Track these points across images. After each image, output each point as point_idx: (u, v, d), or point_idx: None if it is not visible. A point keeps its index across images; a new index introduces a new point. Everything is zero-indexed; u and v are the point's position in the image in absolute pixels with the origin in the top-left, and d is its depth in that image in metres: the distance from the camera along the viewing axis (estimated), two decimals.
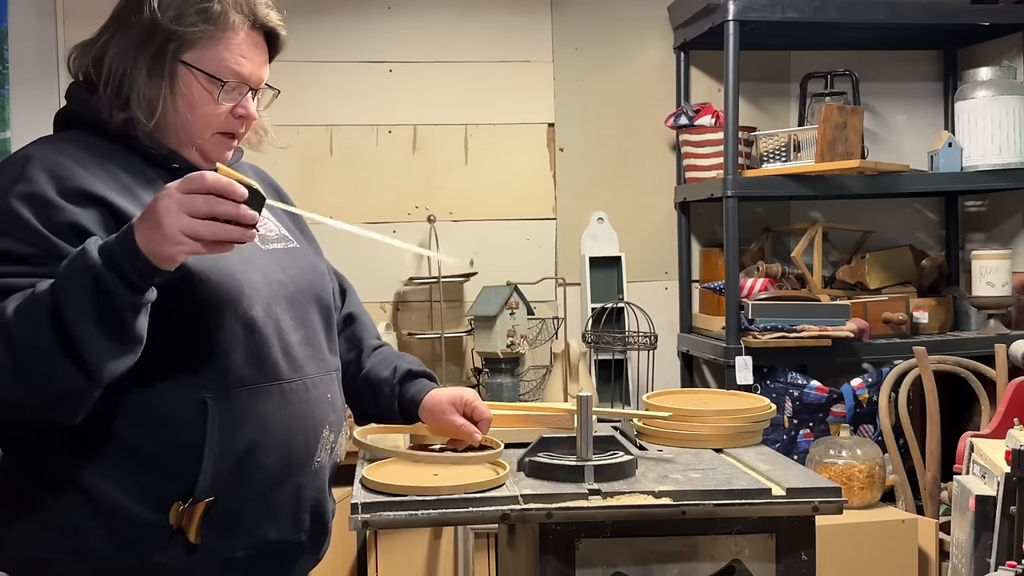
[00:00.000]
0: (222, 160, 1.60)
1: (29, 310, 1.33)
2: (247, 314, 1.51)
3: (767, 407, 1.92)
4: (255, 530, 1.53)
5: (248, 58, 1.57)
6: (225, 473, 1.48)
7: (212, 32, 1.53)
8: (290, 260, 1.65)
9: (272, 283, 1.57)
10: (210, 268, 1.48)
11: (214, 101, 1.55)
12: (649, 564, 1.55)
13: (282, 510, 1.56)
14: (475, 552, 3.02)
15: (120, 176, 1.51)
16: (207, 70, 1.54)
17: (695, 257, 3.65)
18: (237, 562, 1.52)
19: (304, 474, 1.58)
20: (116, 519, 1.46)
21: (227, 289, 1.49)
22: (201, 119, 1.56)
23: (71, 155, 1.50)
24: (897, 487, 3.11)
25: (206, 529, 1.47)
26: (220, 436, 1.47)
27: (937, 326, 3.44)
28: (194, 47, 1.53)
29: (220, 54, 1.54)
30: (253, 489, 1.51)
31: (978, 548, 2.07)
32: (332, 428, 1.63)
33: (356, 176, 3.50)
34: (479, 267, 3.50)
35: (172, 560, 1.47)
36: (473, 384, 3.47)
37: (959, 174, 3.33)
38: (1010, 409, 2.45)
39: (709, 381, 3.66)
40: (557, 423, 1.87)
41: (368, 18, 3.51)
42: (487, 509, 1.53)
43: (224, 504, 1.48)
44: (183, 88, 1.54)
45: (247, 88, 1.58)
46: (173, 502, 1.46)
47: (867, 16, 3.23)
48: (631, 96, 3.64)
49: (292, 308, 1.59)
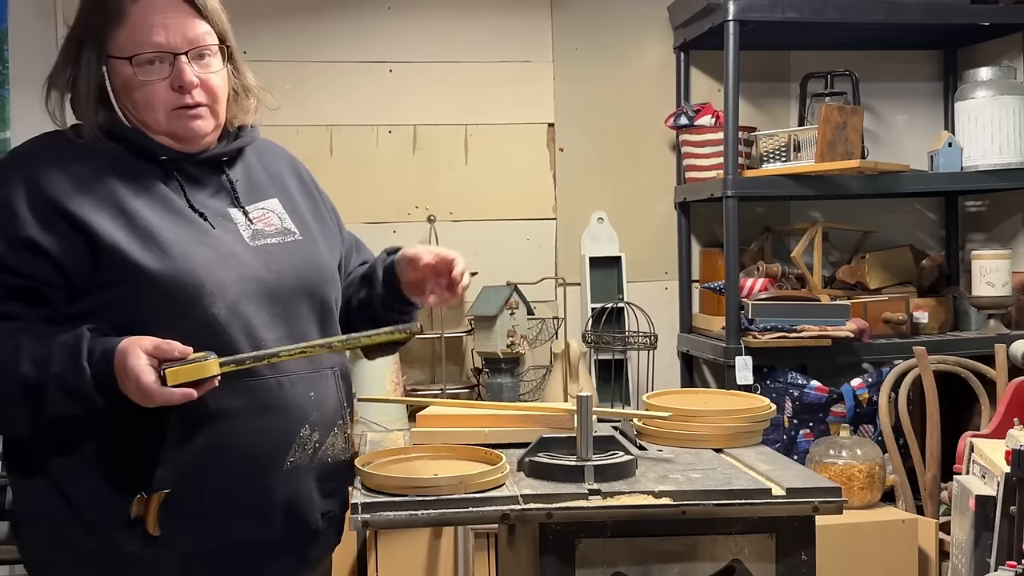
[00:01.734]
0: (197, 133, 1.60)
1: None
2: (207, 312, 1.51)
3: (767, 407, 1.92)
4: (217, 526, 1.54)
5: (163, 24, 1.54)
6: (184, 467, 1.50)
7: (112, 18, 1.55)
8: (282, 255, 1.63)
9: (246, 280, 1.57)
10: (170, 269, 1.50)
11: (146, 80, 1.55)
12: (649, 564, 1.55)
13: (247, 508, 1.56)
14: (475, 552, 3.02)
15: (89, 179, 1.55)
16: (123, 55, 1.54)
17: (695, 257, 3.65)
18: (201, 557, 1.54)
19: (274, 473, 1.57)
20: (87, 506, 1.51)
21: (186, 288, 1.51)
22: (144, 103, 1.57)
23: (59, 161, 1.55)
24: (897, 487, 3.11)
25: (166, 522, 1.50)
26: (178, 430, 1.49)
27: (937, 326, 3.44)
28: (110, 40, 1.55)
29: (130, 34, 1.54)
30: (214, 484, 1.52)
31: (978, 548, 2.07)
32: (315, 427, 1.61)
33: (356, 176, 3.49)
34: (479, 267, 3.50)
35: (136, 550, 1.50)
36: (473, 384, 3.47)
37: (959, 174, 3.33)
38: (1010, 409, 2.46)
39: (709, 381, 3.66)
40: (557, 423, 1.87)
41: (368, 18, 3.51)
42: (487, 509, 1.53)
43: (183, 498, 1.50)
44: (118, 82, 1.57)
45: (172, 56, 1.55)
46: (135, 492, 1.49)
47: (867, 16, 3.23)
48: (631, 96, 3.63)
49: (271, 305, 1.59)
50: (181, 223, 1.56)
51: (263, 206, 1.68)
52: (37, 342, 1.46)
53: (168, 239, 1.53)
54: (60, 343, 1.46)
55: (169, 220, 1.55)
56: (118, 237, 1.50)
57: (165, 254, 1.51)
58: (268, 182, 1.73)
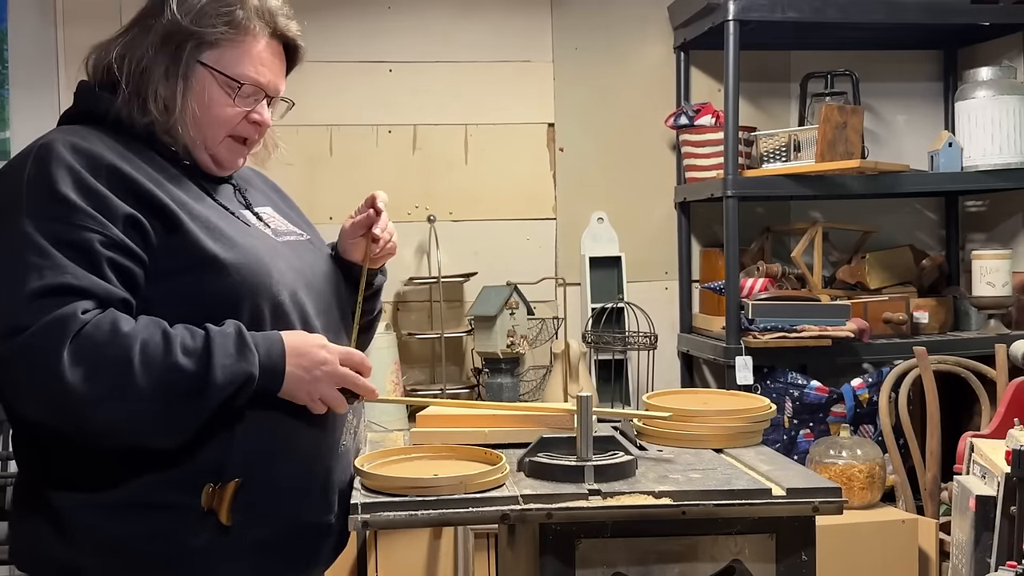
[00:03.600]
0: (236, 166, 1.65)
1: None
2: (276, 298, 1.53)
3: (767, 407, 1.92)
4: (286, 510, 1.54)
5: (267, 67, 1.61)
6: (255, 453, 1.49)
7: (233, 36, 1.57)
8: (304, 250, 1.68)
9: (294, 271, 1.60)
10: (240, 258, 1.50)
11: (230, 103, 1.58)
12: (649, 564, 1.55)
13: (313, 491, 1.58)
14: (475, 552, 3.02)
15: (142, 167, 1.52)
16: (226, 72, 1.56)
17: (695, 257, 3.65)
18: (268, 544, 1.53)
19: (332, 456, 1.61)
20: (147, 510, 1.46)
21: (257, 275, 1.51)
22: (215, 120, 1.58)
23: (114, 148, 1.52)
24: (897, 487, 3.11)
25: (237, 510, 1.48)
26: (251, 415, 1.49)
27: (937, 326, 3.44)
28: (213, 48, 1.57)
29: (239, 58, 1.58)
30: (284, 469, 1.53)
31: (978, 548, 2.07)
32: (354, 413, 1.67)
33: (356, 176, 3.49)
34: (479, 267, 3.50)
35: (205, 543, 1.47)
36: (473, 384, 3.47)
37: (959, 174, 3.33)
38: (1010, 409, 2.46)
39: (709, 381, 3.66)
40: (557, 423, 1.87)
41: (368, 18, 3.51)
42: (487, 509, 1.53)
43: (254, 484, 1.49)
44: (199, 88, 1.57)
45: (263, 95, 1.61)
46: (204, 484, 1.47)
47: (867, 16, 3.23)
48: (631, 96, 3.64)
49: (313, 295, 1.63)
50: (225, 216, 1.58)
51: (265, 211, 1.72)
52: (191, 334, 1.43)
53: (226, 230, 1.53)
54: (218, 332, 1.43)
55: (214, 213, 1.56)
56: (191, 225, 1.49)
57: (231, 244, 1.51)
58: (258, 191, 1.78)
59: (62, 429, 1.41)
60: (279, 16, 1.62)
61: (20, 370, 1.36)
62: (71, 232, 1.40)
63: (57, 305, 1.36)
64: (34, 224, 1.40)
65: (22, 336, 1.35)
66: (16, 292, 1.37)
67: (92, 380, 1.36)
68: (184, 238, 1.48)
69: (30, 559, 1.52)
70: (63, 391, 1.35)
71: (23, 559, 1.53)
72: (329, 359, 1.52)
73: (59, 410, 1.37)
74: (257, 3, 1.60)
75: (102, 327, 1.37)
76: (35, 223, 1.40)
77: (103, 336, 1.37)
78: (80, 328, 1.36)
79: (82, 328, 1.36)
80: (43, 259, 1.38)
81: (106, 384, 1.36)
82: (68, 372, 1.34)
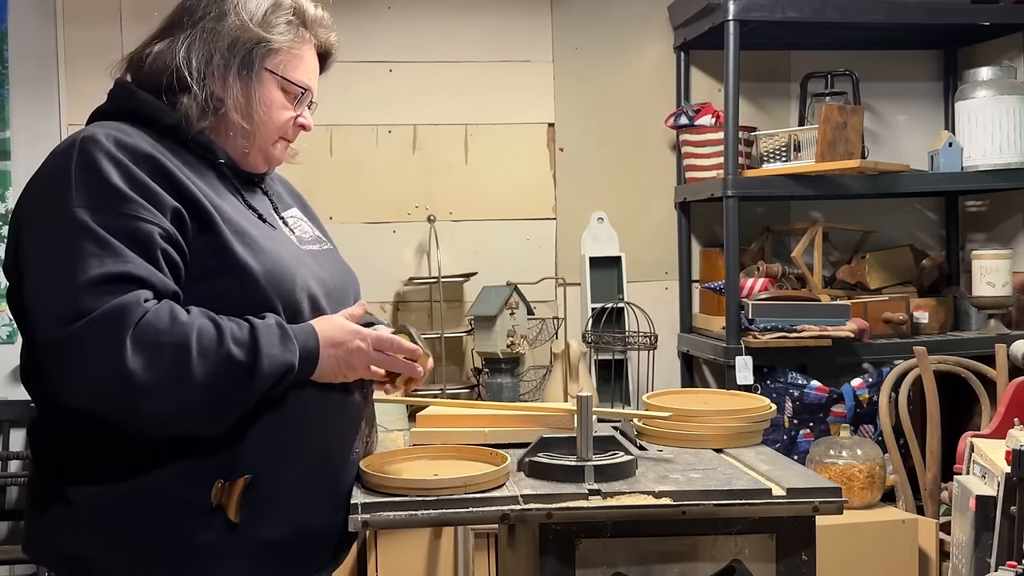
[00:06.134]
0: (277, 164, 1.71)
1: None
2: (298, 306, 1.54)
3: (767, 407, 1.92)
4: (293, 513, 1.54)
5: (313, 72, 1.71)
6: (267, 451, 1.49)
7: (296, 45, 1.65)
8: (326, 260, 1.70)
9: (316, 279, 1.61)
10: (265, 264, 1.51)
11: (288, 107, 1.65)
12: (649, 564, 1.55)
13: (321, 496, 1.57)
14: (475, 552, 3.02)
15: (179, 164, 1.53)
16: (288, 77, 1.64)
17: (695, 257, 3.65)
18: (274, 544, 1.52)
19: (344, 463, 1.61)
20: (157, 503, 1.46)
21: (281, 282, 1.52)
22: (274, 124, 1.64)
23: (153, 144, 1.52)
24: (897, 487, 3.11)
25: (245, 508, 1.48)
26: (266, 414, 1.49)
27: (937, 326, 3.44)
28: (278, 55, 1.62)
29: (298, 65, 1.66)
30: (293, 471, 1.53)
31: (978, 548, 2.07)
32: (367, 421, 1.68)
33: (356, 176, 3.49)
34: (479, 267, 3.50)
35: (212, 540, 1.47)
36: (473, 384, 3.47)
37: (959, 174, 3.33)
38: (1010, 409, 2.46)
39: (709, 381, 3.66)
40: (557, 423, 1.87)
41: (368, 18, 3.51)
42: (487, 509, 1.53)
43: (264, 483, 1.49)
44: (262, 92, 1.61)
45: (310, 98, 1.70)
46: (214, 480, 1.47)
47: (867, 16, 3.23)
48: (631, 96, 3.64)
49: (332, 304, 1.63)
50: (253, 220, 1.59)
51: (292, 215, 1.74)
52: (238, 325, 1.44)
53: (254, 234, 1.54)
54: (262, 324, 1.45)
55: (243, 216, 1.57)
56: (223, 227, 1.49)
57: (258, 249, 1.51)
58: (285, 194, 1.81)
59: (108, 418, 1.40)
60: (324, 28, 1.71)
61: (77, 355, 1.36)
62: (129, 223, 1.41)
63: (119, 292, 1.37)
64: (89, 213, 1.40)
65: (83, 321, 1.35)
66: (76, 279, 1.37)
67: (153, 367, 1.36)
68: (216, 239, 1.48)
69: (44, 552, 1.53)
70: (124, 377, 1.35)
71: (37, 552, 1.54)
72: (363, 347, 1.54)
73: (115, 396, 1.37)
74: (312, 14, 1.68)
75: (161, 316, 1.38)
76: (90, 212, 1.40)
77: (163, 324, 1.38)
78: (142, 316, 1.37)
79: (144, 316, 1.37)
80: (102, 248, 1.39)
81: (166, 372, 1.37)
82: (130, 358, 1.35)
